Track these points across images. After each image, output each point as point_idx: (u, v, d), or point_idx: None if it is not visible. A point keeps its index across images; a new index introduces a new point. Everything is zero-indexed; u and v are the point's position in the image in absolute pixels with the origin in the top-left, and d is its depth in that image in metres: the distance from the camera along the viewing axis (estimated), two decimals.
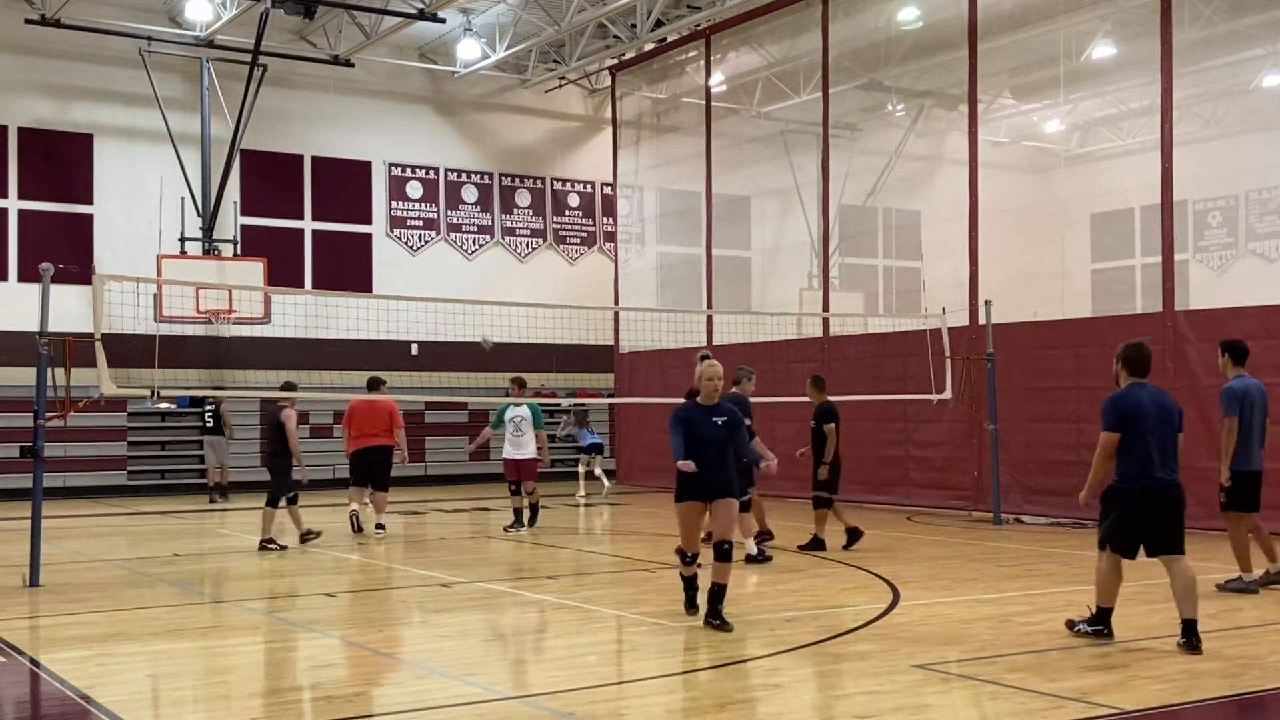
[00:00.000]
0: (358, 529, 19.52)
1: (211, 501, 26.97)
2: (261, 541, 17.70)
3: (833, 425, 17.23)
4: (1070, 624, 10.95)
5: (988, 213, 23.39)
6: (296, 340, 29.84)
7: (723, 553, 11.28)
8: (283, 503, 18.01)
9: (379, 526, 19.60)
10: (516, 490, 20.26)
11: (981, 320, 21.82)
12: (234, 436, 27.58)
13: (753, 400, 16.82)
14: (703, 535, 12.05)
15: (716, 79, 30.25)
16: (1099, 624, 10.73)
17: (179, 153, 29.33)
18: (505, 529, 20.29)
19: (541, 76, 33.86)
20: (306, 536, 18.32)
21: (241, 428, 28.10)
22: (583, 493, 26.96)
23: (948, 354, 21.61)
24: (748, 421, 15.64)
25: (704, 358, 12.12)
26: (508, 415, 20.25)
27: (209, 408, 27.67)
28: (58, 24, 27.93)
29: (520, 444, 20.01)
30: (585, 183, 35.87)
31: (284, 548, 17.69)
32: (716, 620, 11.14)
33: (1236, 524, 13.39)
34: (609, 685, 9.57)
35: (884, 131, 28.35)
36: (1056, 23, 23.93)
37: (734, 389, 16.42)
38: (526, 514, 20.31)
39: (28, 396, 16.41)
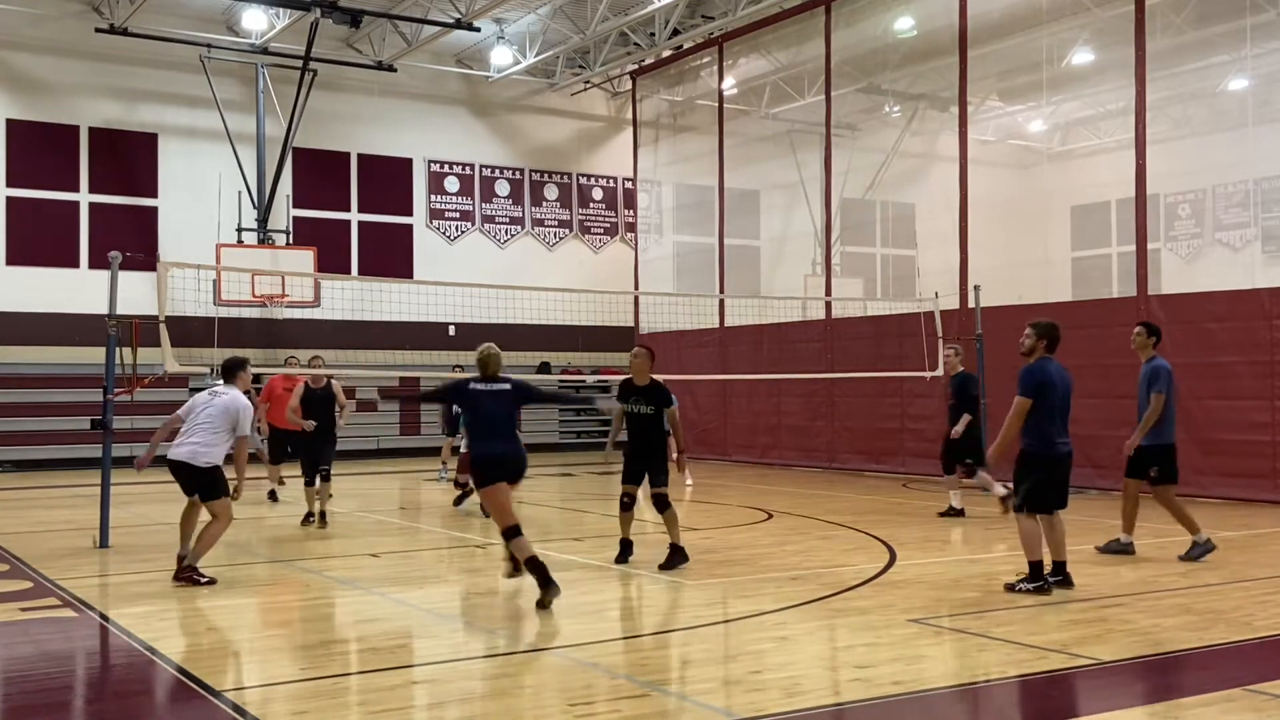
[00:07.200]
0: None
1: None
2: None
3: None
4: (1010, 586, 10.98)
5: (977, 205, 23.33)
6: (344, 322, 29.93)
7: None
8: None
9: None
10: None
11: (971, 304, 21.72)
12: None
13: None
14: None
15: (728, 83, 30.21)
16: (1037, 579, 10.89)
17: (236, 150, 29.33)
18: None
19: (568, 80, 33.84)
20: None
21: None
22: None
23: (940, 335, 21.54)
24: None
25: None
26: None
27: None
28: (125, 32, 27.96)
29: None
30: (608, 178, 35.81)
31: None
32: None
33: (1129, 488, 13.32)
34: (630, 638, 9.56)
35: (882, 131, 28.24)
36: (1039, 31, 23.82)
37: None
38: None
39: (97, 373, 16.40)
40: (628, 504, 12.89)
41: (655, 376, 12.90)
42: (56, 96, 28.79)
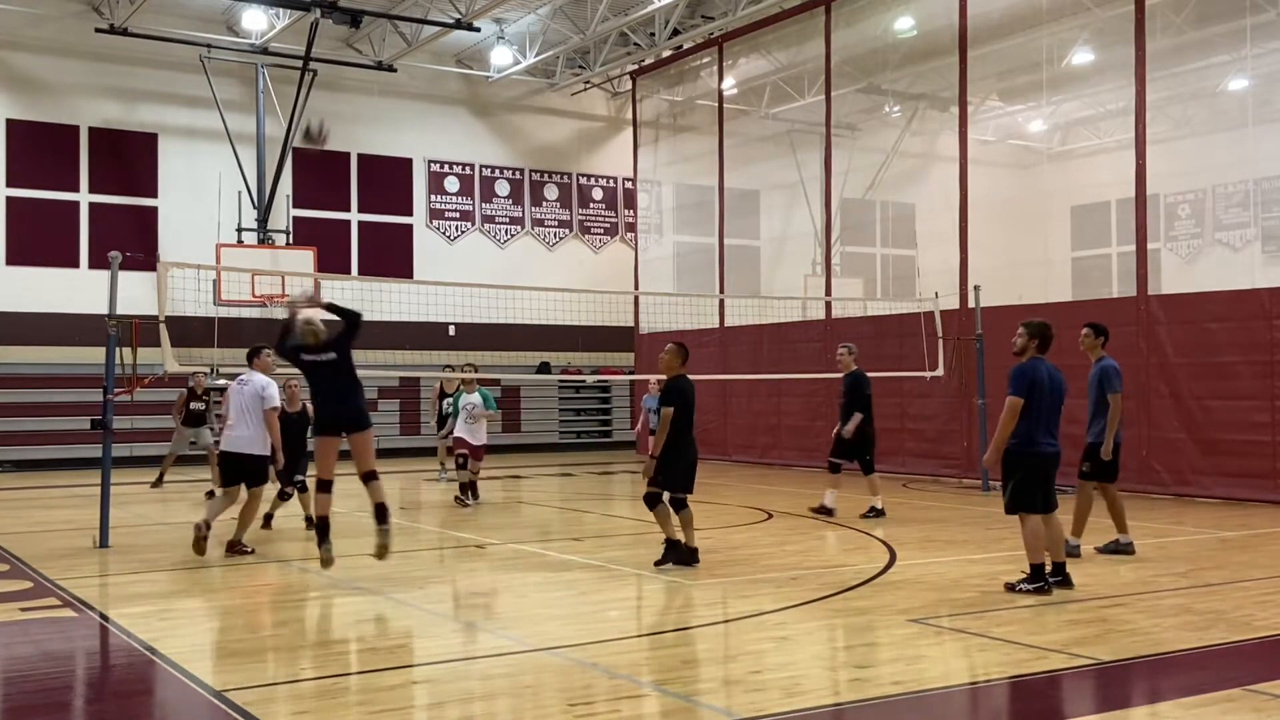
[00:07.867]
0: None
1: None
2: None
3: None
4: (1010, 586, 10.93)
5: (976, 205, 23.33)
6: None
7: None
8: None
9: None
10: (464, 465, 18.98)
11: (971, 304, 21.73)
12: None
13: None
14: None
15: (728, 83, 30.19)
16: (1038, 580, 10.83)
17: (236, 150, 29.33)
18: (456, 498, 19.17)
19: (568, 80, 33.84)
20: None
21: None
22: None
23: (940, 335, 21.56)
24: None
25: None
26: (461, 403, 19.06)
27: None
28: (125, 32, 27.95)
29: (474, 429, 18.91)
30: (608, 178, 35.81)
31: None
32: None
33: (1106, 491, 13.24)
34: (630, 638, 9.55)
35: (882, 131, 28.24)
36: (1040, 31, 23.81)
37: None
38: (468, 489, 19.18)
39: (97, 373, 16.39)
40: (649, 502, 12.76)
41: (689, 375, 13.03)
42: (56, 96, 28.78)
